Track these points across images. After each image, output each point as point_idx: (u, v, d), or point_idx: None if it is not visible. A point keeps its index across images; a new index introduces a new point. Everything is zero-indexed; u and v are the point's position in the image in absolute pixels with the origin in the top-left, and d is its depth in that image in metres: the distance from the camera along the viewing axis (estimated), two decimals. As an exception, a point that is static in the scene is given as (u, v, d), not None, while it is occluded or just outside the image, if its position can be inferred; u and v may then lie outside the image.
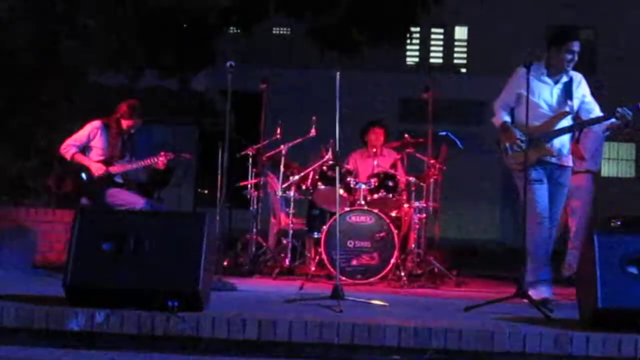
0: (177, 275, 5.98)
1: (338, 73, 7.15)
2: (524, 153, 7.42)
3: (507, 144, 7.69)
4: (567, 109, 7.62)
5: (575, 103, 7.66)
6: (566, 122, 7.64)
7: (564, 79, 7.68)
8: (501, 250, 13.49)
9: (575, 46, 7.55)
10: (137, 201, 8.85)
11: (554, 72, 7.67)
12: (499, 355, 5.69)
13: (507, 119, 7.77)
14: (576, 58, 7.60)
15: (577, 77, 7.75)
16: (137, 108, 9.24)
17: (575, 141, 9.72)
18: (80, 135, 9.13)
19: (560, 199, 7.77)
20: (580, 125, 7.98)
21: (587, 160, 9.72)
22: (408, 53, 24.24)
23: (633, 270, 6.03)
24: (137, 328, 5.76)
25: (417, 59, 24.62)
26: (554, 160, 7.65)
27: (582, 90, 7.73)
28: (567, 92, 7.66)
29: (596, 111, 7.70)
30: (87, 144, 9.10)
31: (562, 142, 7.66)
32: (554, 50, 7.63)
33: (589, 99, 7.76)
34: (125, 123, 9.17)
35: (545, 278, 7.47)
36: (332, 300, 6.64)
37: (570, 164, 7.81)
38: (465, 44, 24.68)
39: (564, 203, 7.90)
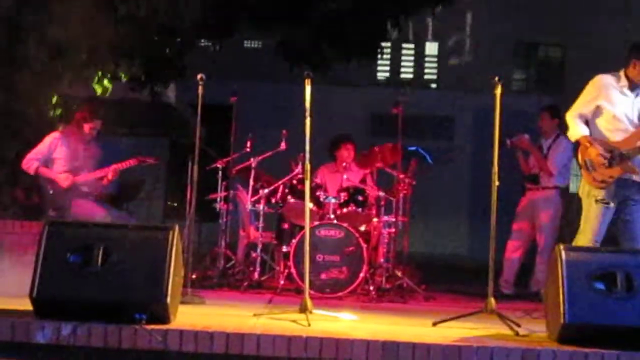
0: (145, 288, 5.97)
1: (308, 83, 7.10)
2: (607, 170, 7.28)
3: (588, 159, 7.41)
4: None
5: None
6: None
7: None
8: (470, 265, 13.51)
9: None
10: (99, 212, 8.82)
11: (634, 86, 7.41)
12: (466, 370, 5.71)
13: (587, 132, 7.45)
14: None
15: None
16: (96, 109, 9.20)
17: (543, 157, 9.81)
18: (41, 148, 9.07)
19: None
20: None
21: (555, 176, 9.78)
22: (379, 68, 24.28)
23: (600, 286, 6.07)
24: (104, 341, 5.73)
25: (387, 74, 24.67)
26: (635, 178, 7.38)
27: None
28: None
29: None
30: (49, 156, 9.04)
31: None
32: (634, 63, 7.36)
33: None
34: (87, 126, 9.09)
35: None
36: (300, 314, 6.63)
37: None
38: (435, 59, 24.76)
39: None
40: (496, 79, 6.99)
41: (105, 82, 11.28)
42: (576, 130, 7.53)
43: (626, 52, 7.52)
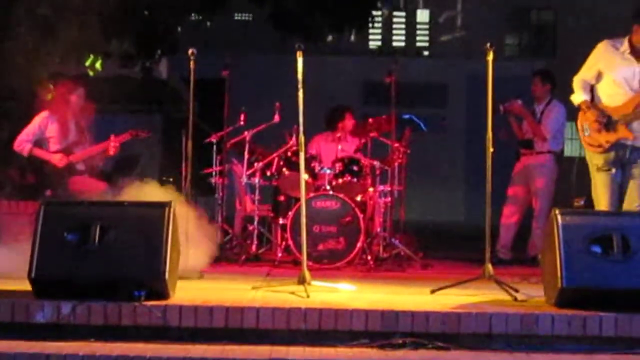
0: (143, 265, 5.98)
1: (300, 55, 7.09)
2: (601, 136, 7.32)
3: (585, 124, 7.45)
4: None
5: None
6: None
7: None
8: (467, 232, 13.54)
9: None
10: (100, 186, 8.82)
11: (638, 51, 7.34)
12: (465, 337, 5.73)
13: (587, 97, 7.50)
14: None
15: None
16: (75, 79, 9.17)
17: (537, 122, 9.81)
18: (31, 129, 9.05)
19: None
20: None
21: (549, 141, 9.78)
22: (370, 37, 24.23)
23: (596, 249, 6.08)
24: (104, 319, 5.73)
25: (379, 43, 24.62)
26: (631, 143, 7.37)
27: None
28: None
29: None
30: (41, 136, 9.02)
31: None
32: (636, 28, 7.28)
33: None
34: (73, 97, 9.07)
35: None
36: (299, 285, 6.64)
37: None
38: (427, 27, 24.71)
39: None
40: (488, 45, 6.95)
41: (97, 64, 11.25)
42: (577, 95, 7.60)
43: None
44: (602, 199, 7.48)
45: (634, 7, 7.46)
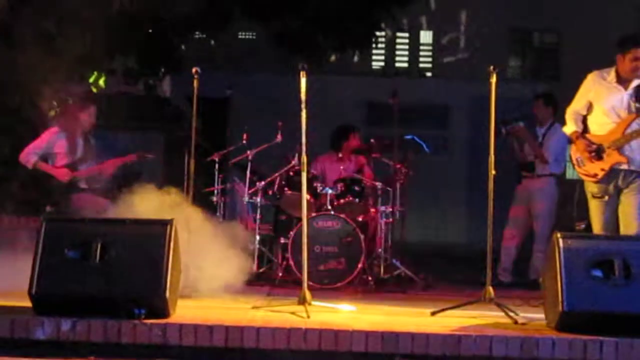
0: (144, 283, 5.98)
1: (303, 75, 7.11)
2: (594, 165, 7.43)
3: (579, 155, 7.58)
4: (635, 112, 7.44)
5: None
6: (636, 126, 7.43)
7: (635, 83, 7.49)
8: (468, 254, 13.52)
9: None
10: (101, 204, 8.83)
11: (624, 79, 7.49)
12: (465, 359, 5.72)
13: (577, 128, 7.66)
14: None
15: None
16: (87, 97, 9.21)
17: (539, 145, 9.82)
18: (39, 142, 9.09)
19: (638, 205, 7.47)
20: None
21: (551, 164, 9.78)
22: (374, 57, 24.27)
23: (598, 273, 6.08)
24: (104, 336, 5.73)
25: (382, 63, 24.66)
26: (625, 167, 7.46)
27: None
28: (638, 97, 7.47)
29: None
30: (49, 151, 9.05)
31: (633, 147, 7.46)
32: (619, 57, 7.47)
33: None
34: (83, 116, 9.12)
35: None
36: (299, 306, 6.63)
37: None
38: (430, 48, 24.75)
39: None
40: (491, 67, 6.99)
41: (101, 81, 11.27)
42: (568, 126, 7.78)
43: None
44: (595, 226, 7.60)
45: (618, 38, 7.59)
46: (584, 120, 7.73)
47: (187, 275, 6.97)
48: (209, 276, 7.42)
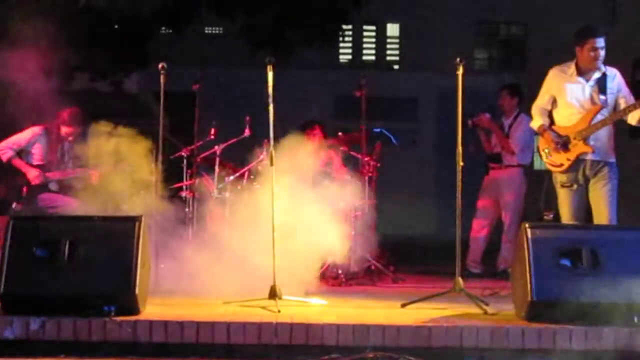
0: (113, 280, 5.96)
1: (270, 69, 7.11)
2: (561, 155, 7.55)
3: (545, 148, 7.69)
4: (600, 103, 7.55)
5: (610, 97, 7.59)
6: (600, 117, 7.54)
7: (596, 75, 7.61)
8: (438, 245, 13.56)
9: (598, 43, 7.50)
10: (69, 202, 8.81)
11: (585, 71, 7.62)
12: (436, 350, 5.75)
13: (543, 121, 7.79)
14: (602, 54, 7.53)
15: (612, 72, 7.67)
16: (77, 116, 9.22)
17: (505, 136, 9.87)
18: (19, 139, 9.11)
19: (606, 194, 7.57)
20: (612, 118, 7.58)
21: (517, 154, 9.83)
22: (341, 51, 24.28)
23: (566, 263, 6.13)
24: (74, 334, 5.71)
25: (349, 57, 24.68)
26: (591, 157, 7.57)
27: (616, 84, 7.65)
28: (601, 88, 7.59)
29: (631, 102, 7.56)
30: (26, 148, 9.08)
31: (598, 137, 7.57)
32: (578, 50, 7.60)
33: (625, 92, 7.65)
34: (64, 130, 9.17)
35: None
36: (270, 300, 6.63)
37: (612, 159, 7.68)
38: (397, 40, 24.78)
39: (614, 199, 7.63)
40: (458, 59, 7.03)
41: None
42: (535, 121, 7.90)
43: None
44: (564, 215, 7.69)
45: (578, 30, 7.72)
46: (550, 114, 7.84)
47: None
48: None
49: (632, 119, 7.51)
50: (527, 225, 6.27)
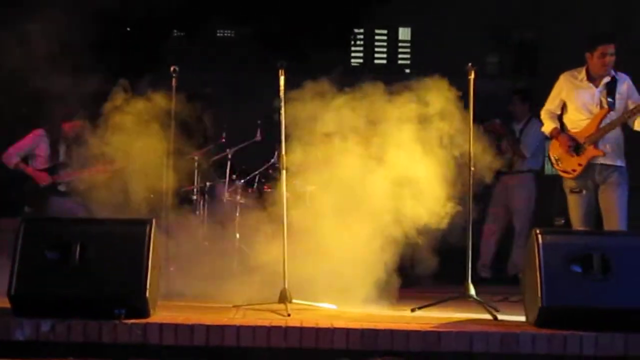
0: (123, 283, 5.95)
1: (282, 74, 7.12)
2: (572, 160, 7.59)
3: (556, 154, 7.74)
4: (607, 106, 7.57)
5: (619, 102, 7.60)
6: (608, 120, 7.57)
7: (606, 80, 7.65)
8: (450, 250, 13.53)
9: (608, 49, 7.54)
10: (77, 208, 8.83)
11: (595, 77, 7.66)
12: (445, 355, 5.73)
13: (555, 125, 7.84)
14: (612, 60, 7.57)
15: (622, 77, 7.71)
16: (78, 111, 9.21)
17: (516, 141, 9.85)
18: (23, 144, 9.13)
19: (616, 199, 7.61)
20: (620, 119, 7.59)
21: (528, 159, 9.82)
22: (352, 54, 24.28)
23: (577, 269, 6.10)
24: (84, 337, 5.71)
25: (361, 60, 24.67)
26: (601, 160, 7.60)
27: (626, 89, 7.67)
28: (610, 92, 7.61)
29: None
30: (30, 152, 9.10)
31: (609, 141, 7.60)
32: (588, 56, 7.64)
33: (635, 97, 7.66)
34: (66, 126, 9.14)
35: None
36: (280, 304, 6.63)
37: (622, 164, 7.69)
38: (408, 44, 24.76)
39: (623, 204, 7.66)
40: (469, 64, 7.03)
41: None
42: (546, 125, 7.93)
43: None
44: (574, 220, 7.72)
45: (589, 36, 7.80)
46: (560, 119, 7.86)
47: None
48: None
49: (638, 125, 7.52)
50: (537, 230, 6.26)
